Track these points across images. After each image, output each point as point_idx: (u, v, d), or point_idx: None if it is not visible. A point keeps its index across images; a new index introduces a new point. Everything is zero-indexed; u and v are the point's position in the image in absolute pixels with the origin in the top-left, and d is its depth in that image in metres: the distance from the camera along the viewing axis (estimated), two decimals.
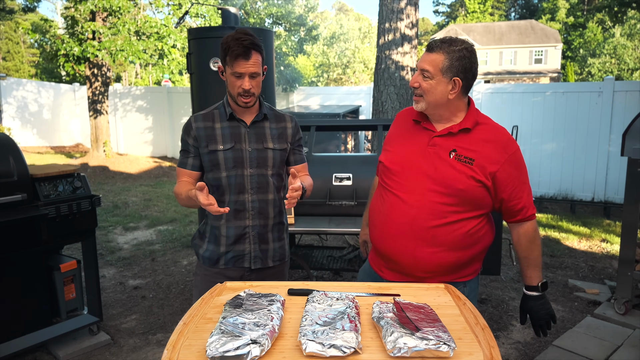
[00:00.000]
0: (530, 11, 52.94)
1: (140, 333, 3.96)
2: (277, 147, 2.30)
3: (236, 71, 2.11)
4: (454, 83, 1.93)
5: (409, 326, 1.38)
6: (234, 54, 2.08)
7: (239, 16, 4.45)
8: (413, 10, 5.78)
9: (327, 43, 29.86)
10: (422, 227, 1.96)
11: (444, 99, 1.95)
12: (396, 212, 2.02)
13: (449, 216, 1.95)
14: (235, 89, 2.15)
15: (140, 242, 6.51)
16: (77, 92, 16.03)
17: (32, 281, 3.44)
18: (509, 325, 4.09)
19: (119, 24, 11.31)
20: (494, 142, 1.97)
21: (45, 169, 3.56)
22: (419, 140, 2.04)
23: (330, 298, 1.63)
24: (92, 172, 12.05)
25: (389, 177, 2.08)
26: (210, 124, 2.26)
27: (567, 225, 7.54)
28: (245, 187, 2.26)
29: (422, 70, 1.95)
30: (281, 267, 2.44)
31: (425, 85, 1.95)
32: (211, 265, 2.34)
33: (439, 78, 1.92)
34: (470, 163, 1.93)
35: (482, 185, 1.94)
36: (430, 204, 1.95)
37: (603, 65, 31.49)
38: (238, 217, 2.28)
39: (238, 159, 2.24)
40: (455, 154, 1.95)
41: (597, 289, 4.81)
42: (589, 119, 9.34)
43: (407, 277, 2.05)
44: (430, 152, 1.99)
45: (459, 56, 1.91)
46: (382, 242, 2.09)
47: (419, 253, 1.98)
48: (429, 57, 1.94)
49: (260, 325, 1.39)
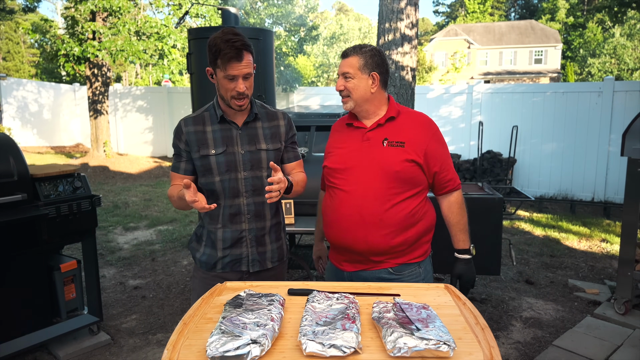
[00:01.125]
0: (530, 11, 52.94)
1: (141, 333, 3.96)
2: (271, 147, 2.27)
3: (229, 74, 2.06)
4: (373, 78, 2.19)
5: (408, 326, 1.38)
6: (226, 57, 2.03)
7: (239, 16, 4.46)
8: (413, 10, 5.77)
9: (327, 43, 29.88)
10: (371, 214, 2.14)
11: (367, 93, 2.20)
12: (345, 205, 2.20)
13: (392, 198, 2.15)
14: (229, 92, 2.10)
15: (140, 242, 6.51)
16: (77, 92, 16.03)
17: (32, 281, 3.44)
18: (509, 325, 4.09)
19: (119, 24, 11.32)
20: (418, 125, 2.24)
21: (46, 169, 3.56)
22: (355, 138, 2.27)
23: (330, 298, 1.63)
24: (92, 172, 12.05)
25: (334, 176, 2.27)
26: (201, 127, 2.21)
27: (567, 225, 7.54)
28: (240, 191, 2.22)
29: (344, 74, 2.20)
30: (280, 267, 2.42)
31: (349, 85, 2.19)
32: (209, 269, 2.30)
33: (359, 76, 2.18)
34: (401, 146, 2.17)
35: (415, 164, 2.16)
36: (374, 190, 2.15)
37: (603, 66, 31.47)
38: (234, 221, 2.24)
39: (231, 162, 2.19)
40: (388, 142, 2.19)
41: (597, 289, 4.81)
42: (589, 119, 9.34)
43: (364, 264, 2.23)
44: (365, 145, 2.22)
45: (371, 54, 2.19)
46: (337, 236, 2.25)
47: (370, 238, 2.15)
48: (347, 62, 2.20)
49: (261, 325, 1.39)
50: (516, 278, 5.19)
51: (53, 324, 3.58)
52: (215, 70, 2.11)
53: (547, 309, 4.42)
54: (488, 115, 10.39)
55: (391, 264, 2.19)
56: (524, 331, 4.00)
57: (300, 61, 27.67)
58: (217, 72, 2.10)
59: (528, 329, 4.03)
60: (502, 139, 9.93)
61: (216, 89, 2.19)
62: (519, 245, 6.38)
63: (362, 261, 2.22)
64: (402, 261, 2.20)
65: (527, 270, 5.44)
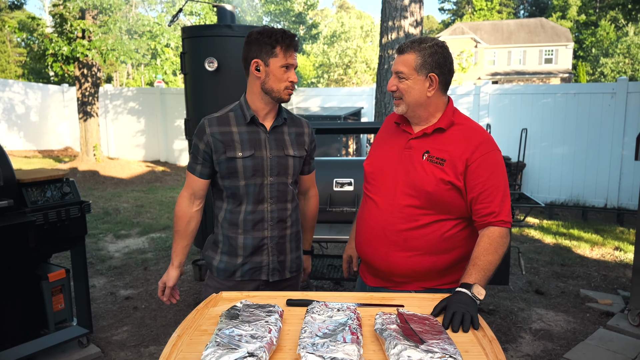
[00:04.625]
0: (540, 9, 53.08)
1: (132, 345, 3.96)
2: (297, 154, 2.28)
3: (288, 62, 2.12)
4: (431, 80, 1.99)
5: (413, 338, 1.39)
6: (287, 45, 2.10)
7: (235, 14, 4.47)
8: (417, 7, 5.80)
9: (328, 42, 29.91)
10: (393, 231, 2.02)
11: (423, 98, 2.00)
12: (371, 215, 2.10)
13: (419, 219, 2.00)
14: (283, 83, 2.13)
15: (132, 251, 6.51)
16: (66, 93, 16.04)
17: (18, 291, 3.44)
18: (518, 338, 4.09)
19: (109, 22, 11.35)
20: (467, 142, 1.99)
21: (33, 174, 3.56)
22: (398, 143, 2.12)
23: (330, 309, 1.63)
24: (82, 177, 12.05)
25: (368, 181, 2.18)
26: (227, 128, 2.20)
27: (579, 232, 7.54)
28: (265, 197, 2.22)
29: (397, 72, 2.02)
30: (297, 277, 2.44)
31: (402, 87, 2.01)
32: (226, 278, 2.29)
33: (414, 77, 1.99)
34: (441, 163, 1.97)
35: (453, 187, 1.96)
36: (400, 206, 2.01)
37: (616, 65, 31.56)
38: (256, 228, 2.24)
39: (258, 166, 2.19)
40: (428, 155, 2.01)
41: (610, 300, 4.81)
42: (602, 122, 9.34)
43: (386, 282, 2.11)
44: (405, 154, 2.06)
45: (431, 52, 1.98)
46: (360, 248, 2.18)
47: (392, 257, 2.04)
48: (402, 59, 2.01)
49: (258, 338, 1.39)
50: (525, 288, 5.19)
51: (40, 336, 3.58)
52: (267, 61, 2.12)
53: (557, 321, 4.42)
54: (496, 118, 10.41)
55: (416, 286, 2.04)
56: (534, 344, 4.00)
57: (300, 61, 27.72)
58: (271, 63, 2.11)
59: (538, 342, 4.03)
60: (510, 142, 9.93)
61: (258, 84, 2.17)
62: (528, 253, 6.38)
63: (385, 278, 2.12)
64: (429, 285, 2.04)
65: (537, 280, 5.44)
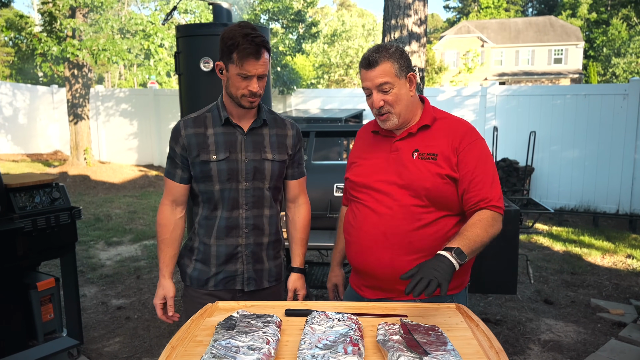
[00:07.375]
0: (549, 6, 53.21)
1: (124, 357, 3.95)
2: (277, 158, 2.24)
3: (245, 72, 2.01)
4: (410, 80, 2.05)
5: (417, 350, 1.39)
6: (244, 52, 1.98)
7: (231, 12, 4.48)
8: (422, 5, 5.81)
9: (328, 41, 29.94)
10: (397, 234, 2.03)
11: (409, 100, 2.07)
12: (368, 223, 2.09)
13: (422, 217, 2.02)
14: (240, 90, 2.06)
15: (124, 258, 6.51)
16: (55, 94, 16.05)
17: (6, 300, 3.43)
18: (526, 349, 4.09)
19: (101, 21, 11.38)
20: (453, 133, 2.07)
21: (21, 179, 3.57)
22: (382, 148, 2.15)
23: (331, 319, 1.63)
24: (72, 181, 12.06)
25: (357, 190, 2.18)
26: (202, 129, 2.17)
27: (590, 239, 7.54)
28: (240, 202, 2.20)
29: (379, 86, 2.01)
30: (277, 287, 2.40)
31: (390, 98, 2.02)
32: (199, 287, 2.29)
33: (398, 83, 2.02)
34: (433, 158, 2.03)
35: (449, 180, 2.02)
36: (402, 208, 2.03)
37: (628, 66, 31.60)
38: (230, 235, 2.22)
39: (233, 170, 2.16)
40: (418, 154, 2.05)
41: (622, 310, 4.81)
42: (613, 124, 9.36)
43: (388, 292, 2.09)
44: (393, 157, 2.10)
45: (399, 55, 2.03)
46: (358, 258, 2.14)
47: (397, 263, 2.02)
48: (379, 71, 2.00)
49: (255, 349, 1.39)
50: (534, 297, 5.19)
51: (29, 347, 3.57)
52: (227, 66, 2.07)
53: (567, 331, 4.41)
54: (503, 120, 10.42)
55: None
56: (543, 355, 4.00)
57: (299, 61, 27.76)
58: (230, 68, 2.05)
59: (547, 353, 4.03)
60: (518, 145, 9.94)
61: (224, 87, 2.15)
62: (537, 261, 6.38)
63: (386, 289, 2.10)
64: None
65: (546, 289, 5.44)
